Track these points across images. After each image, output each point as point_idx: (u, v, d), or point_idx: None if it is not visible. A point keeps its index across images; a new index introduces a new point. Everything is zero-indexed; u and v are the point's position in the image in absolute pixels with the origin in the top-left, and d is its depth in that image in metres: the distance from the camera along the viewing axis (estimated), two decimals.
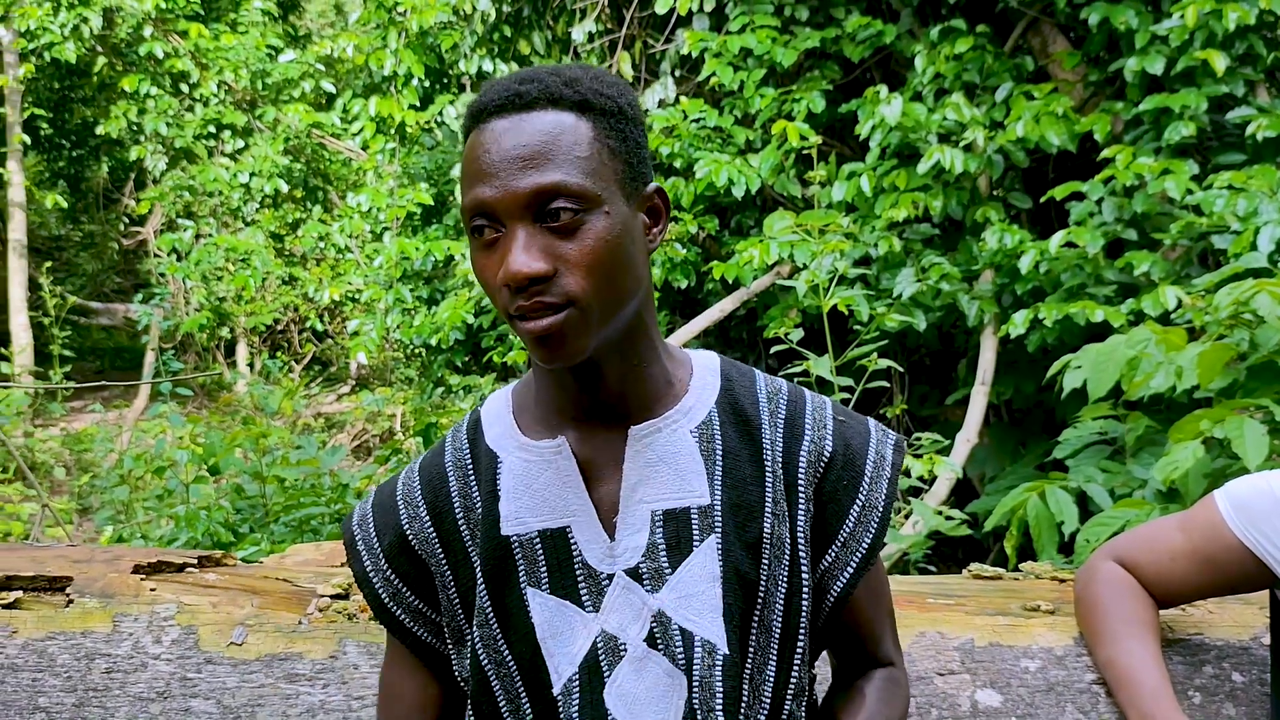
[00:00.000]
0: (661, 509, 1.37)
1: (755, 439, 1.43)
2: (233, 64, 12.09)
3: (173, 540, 4.79)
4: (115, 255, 17.31)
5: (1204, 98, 5.79)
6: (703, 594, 1.35)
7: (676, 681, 1.34)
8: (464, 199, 1.28)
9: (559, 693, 1.34)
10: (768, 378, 1.51)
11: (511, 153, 1.24)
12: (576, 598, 1.36)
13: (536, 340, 1.25)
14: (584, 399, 1.38)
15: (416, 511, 1.43)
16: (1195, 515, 1.89)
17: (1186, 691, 1.93)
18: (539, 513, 1.38)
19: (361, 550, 1.46)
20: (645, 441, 1.39)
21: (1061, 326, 5.47)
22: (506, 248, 1.23)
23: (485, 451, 1.42)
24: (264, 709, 1.75)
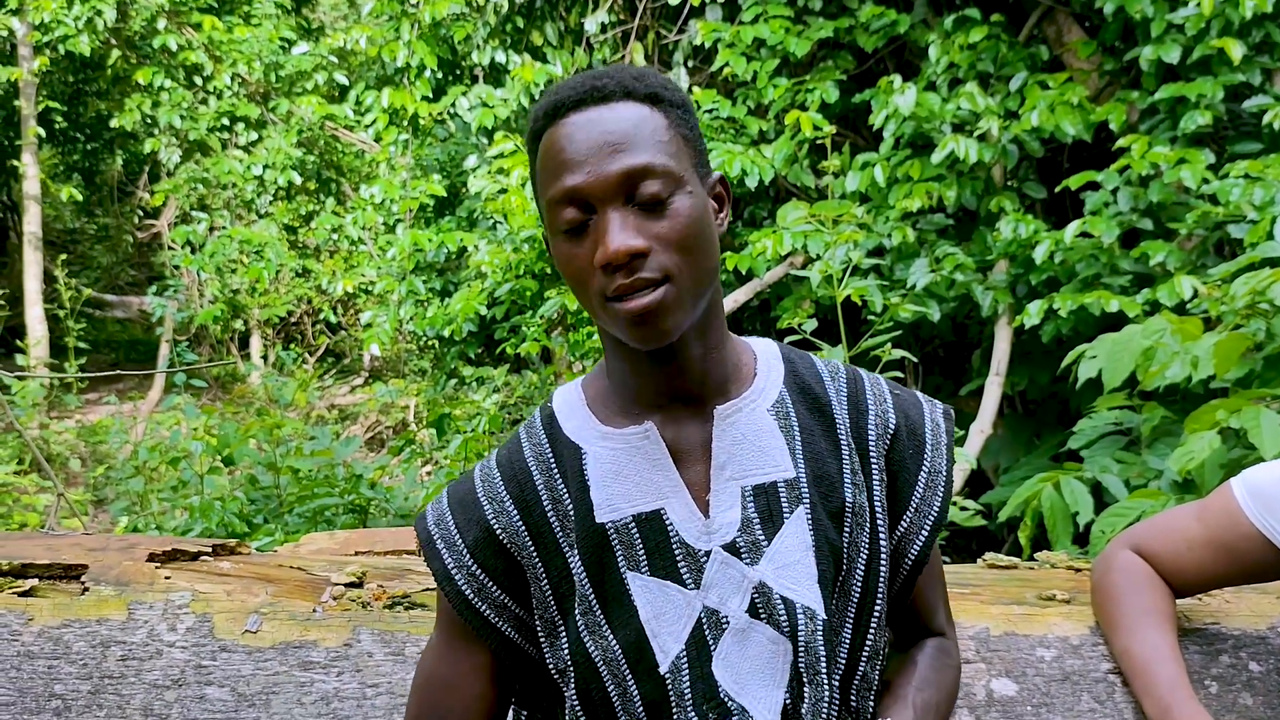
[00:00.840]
0: (751, 485, 1.42)
1: (827, 414, 1.49)
2: (246, 56, 12.11)
3: (187, 531, 4.81)
4: (130, 248, 17.36)
5: (1220, 86, 5.77)
6: (799, 563, 1.40)
7: (781, 648, 1.38)
8: (548, 192, 1.32)
9: (667, 670, 1.37)
10: (821, 359, 1.58)
11: (598, 140, 1.30)
12: (677, 576, 1.39)
13: (635, 320, 1.29)
14: (668, 383, 1.42)
15: (502, 506, 1.44)
16: (1212, 504, 1.88)
17: (1203, 681, 1.92)
18: (631, 498, 1.41)
19: (442, 548, 1.46)
20: (729, 421, 1.43)
21: (1076, 317, 5.45)
22: (600, 231, 1.29)
23: (566, 444, 1.45)
24: (278, 696, 1.75)
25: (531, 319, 7.04)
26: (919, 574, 1.55)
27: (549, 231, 1.35)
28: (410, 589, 1.93)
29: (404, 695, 1.77)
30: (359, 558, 2.10)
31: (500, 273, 7.31)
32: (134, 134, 13.25)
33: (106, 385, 12.80)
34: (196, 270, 11.92)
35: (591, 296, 1.32)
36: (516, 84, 8.87)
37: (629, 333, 1.31)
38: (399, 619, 1.87)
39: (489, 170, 8.07)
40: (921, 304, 6.02)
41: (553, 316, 6.86)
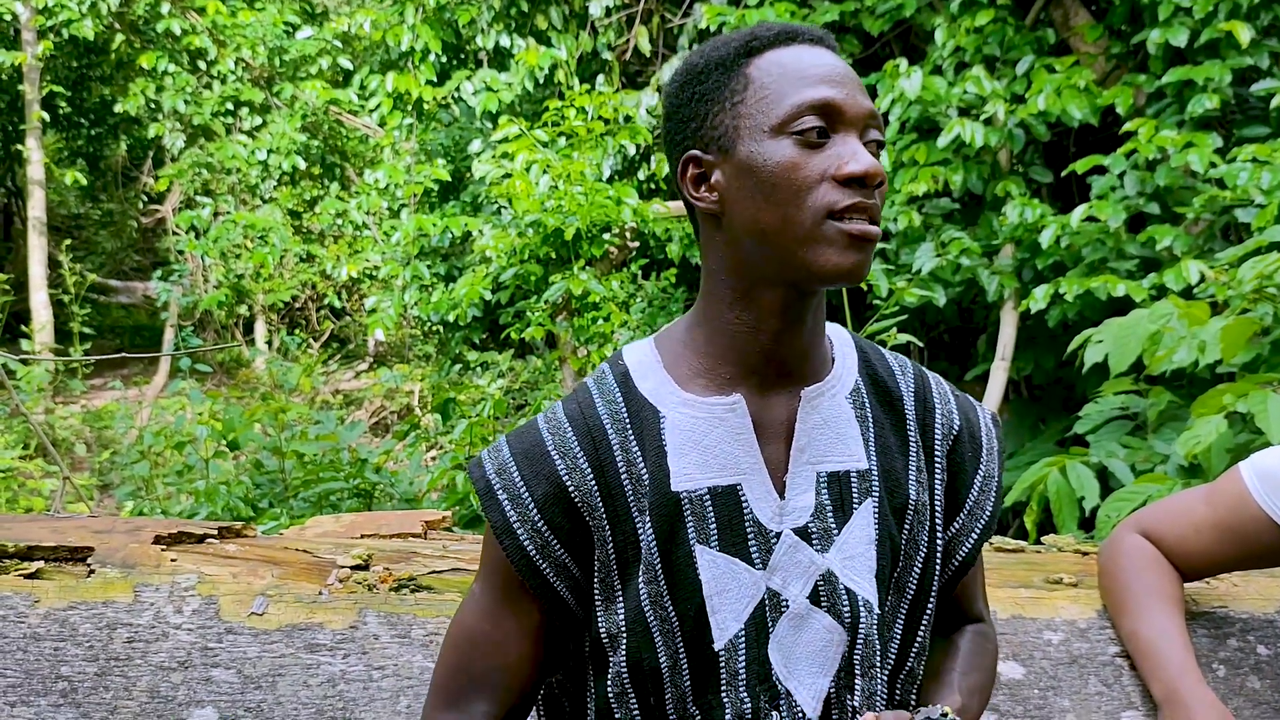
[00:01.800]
0: (826, 471, 1.41)
1: (898, 409, 1.49)
2: (250, 41, 12.08)
3: (193, 515, 4.83)
4: (134, 233, 17.37)
5: (1228, 70, 5.75)
6: (862, 555, 1.40)
7: (836, 637, 1.38)
8: (793, 96, 1.30)
9: (722, 648, 1.36)
10: (889, 352, 1.58)
11: (845, 72, 1.33)
12: (746, 555, 1.37)
13: (855, 240, 1.28)
14: (779, 351, 1.39)
15: (576, 463, 1.39)
16: (1220, 487, 1.88)
17: (1211, 664, 1.92)
18: (709, 470, 1.38)
19: (504, 500, 1.40)
20: (814, 404, 1.41)
21: (1083, 301, 5.45)
22: (850, 151, 1.29)
23: (643, 404, 1.41)
24: (285, 678, 1.75)
25: (536, 304, 7.02)
26: (964, 574, 1.55)
27: (769, 135, 1.31)
28: (416, 571, 1.93)
29: (410, 677, 1.77)
30: (365, 540, 2.10)
31: (505, 257, 7.29)
32: (138, 119, 13.23)
33: (111, 370, 12.82)
34: (201, 255, 11.92)
35: (806, 209, 1.28)
36: (521, 68, 8.87)
37: (839, 257, 1.28)
38: (405, 601, 1.87)
39: (493, 155, 8.06)
40: (927, 288, 6.01)
41: (557, 301, 6.84)
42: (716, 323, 1.40)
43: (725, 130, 1.33)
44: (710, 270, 1.40)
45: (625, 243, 7.44)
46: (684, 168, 1.37)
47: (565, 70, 8.93)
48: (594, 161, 7.60)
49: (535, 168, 7.24)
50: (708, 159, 1.35)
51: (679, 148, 1.39)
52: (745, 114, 1.32)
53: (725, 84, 1.34)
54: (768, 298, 1.35)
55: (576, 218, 6.76)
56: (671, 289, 7.95)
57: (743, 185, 1.32)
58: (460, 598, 1.89)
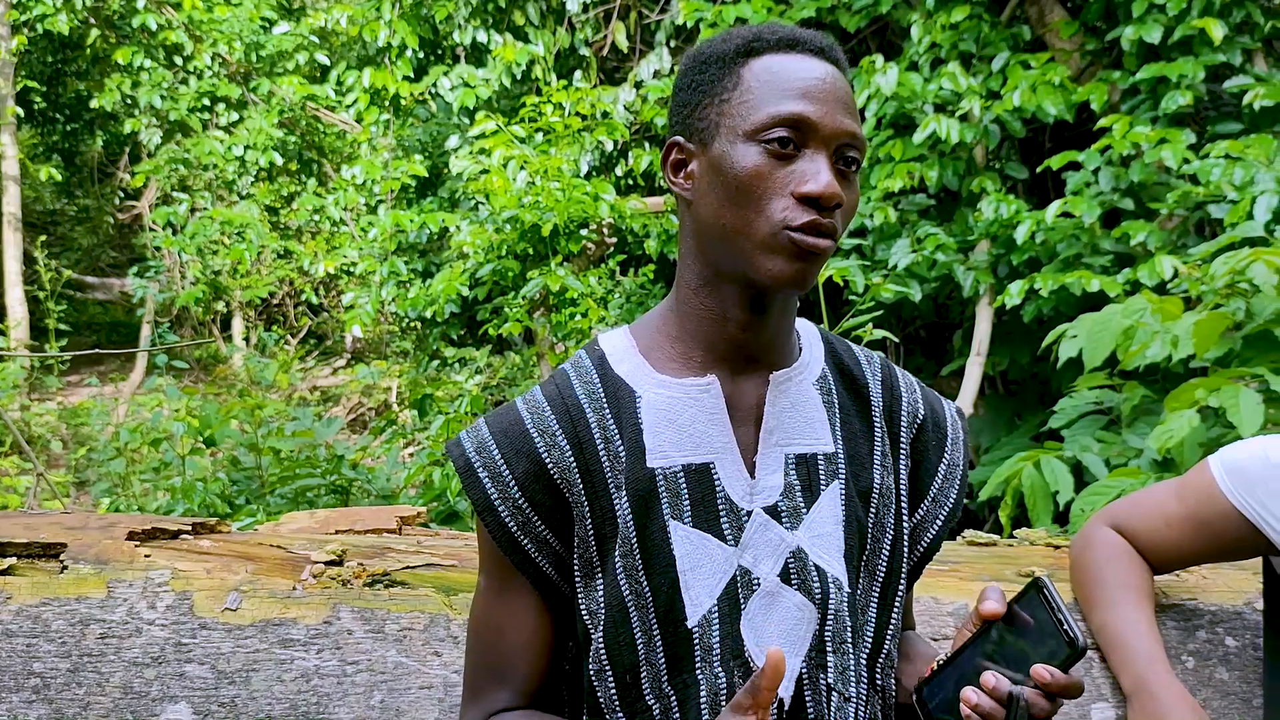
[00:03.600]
0: (794, 453, 1.44)
1: (864, 396, 1.54)
2: (226, 36, 12.03)
3: (169, 511, 4.80)
4: (110, 229, 17.26)
5: (1201, 66, 5.78)
6: (830, 535, 1.43)
7: (807, 615, 1.40)
8: (771, 105, 1.33)
9: (695, 624, 1.38)
10: (856, 345, 1.62)
11: (831, 88, 1.35)
12: (719, 531, 1.40)
13: (801, 254, 1.31)
14: (746, 338, 1.42)
15: (554, 440, 1.42)
16: (1190, 481, 1.89)
17: (1180, 656, 1.93)
18: (683, 447, 1.41)
19: (485, 478, 1.43)
20: (782, 388, 1.45)
21: (1058, 297, 5.47)
22: (815, 168, 1.31)
23: (620, 385, 1.44)
24: (258, 673, 1.75)
25: (514, 300, 7.03)
26: (928, 561, 1.58)
27: (741, 139, 1.34)
28: (390, 567, 1.93)
29: (384, 672, 1.78)
30: (339, 536, 2.10)
31: (482, 253, 7.30)
32: (114, 114, 13.16)
33: (88, 367, 12.76)
34: (177, 251, 11.87)
35: (764, 217, 1.32)
36: (498, 64, 8.86)
37: (785, 266, 1.32)
38: (379, 596, 1.87)
39: (471, 151, 8.06)
40: (903, 284, 6.03)
41: (535, 297, 6.84)
42: (687, 307, 1.44)
43: (708, 124, 1.37)
44: (682, 254, 1.44)
45: (603, 239, 7.45)
46: (668, 151, 1.42)
47: (543, 66, 8.93)
48: (571, 157, 7.61)
49: (512, 164, 7.24)
50: (689, 148, 1.39)
51: (670, 131, 1.43)
52: (728, 113, 1.35)
53: (720, 79, 1.38)
54: (730, 290, 1.39)
55: (554, 214, 6.77)
56: (649, 284, 7.96)
57: (711, 181, 1.36)
58: (435, 593, 1.89)
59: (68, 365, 12.19)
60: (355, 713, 1.74)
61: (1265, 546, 1.81)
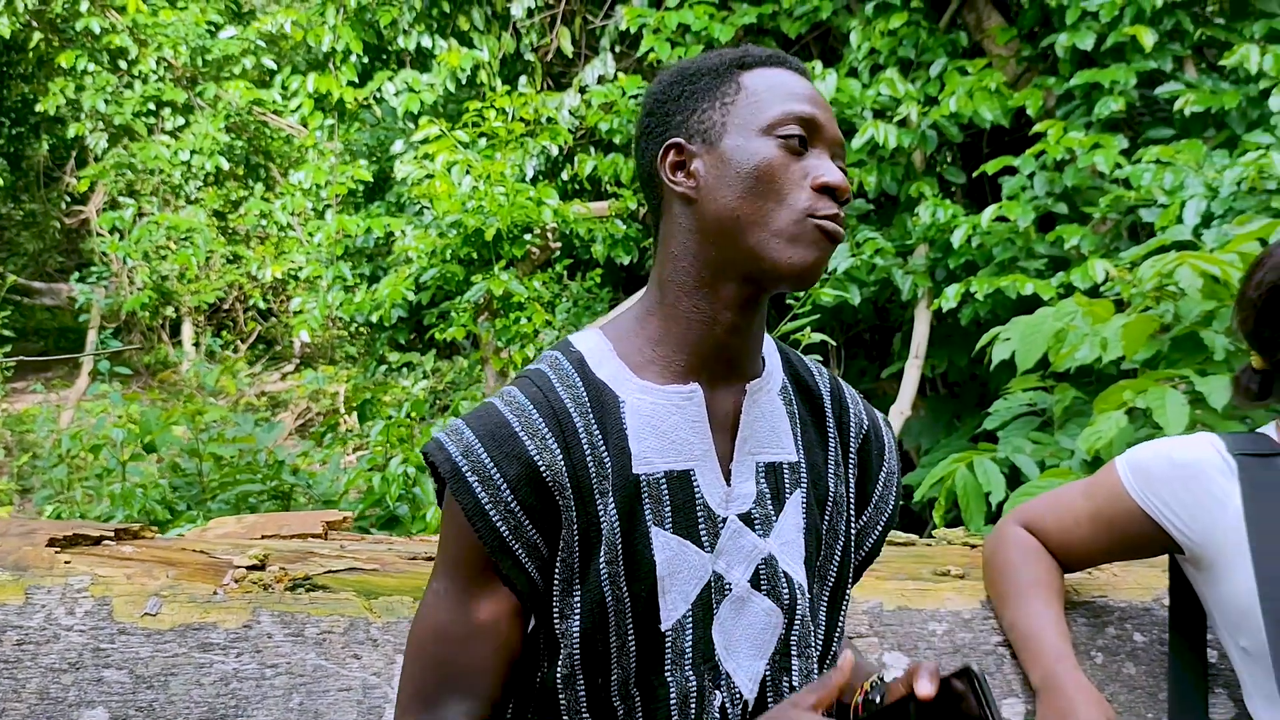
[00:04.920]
0: (764, 461, 1.48)
1: (819, 405, 1.58)
2: (172, 40, 11.92)
3: (109, 518, 4.77)
4: (57, 234, 17.06)
5: (1133, 73, 5.87)
6: (794, 542, 1.47)
7: (774, 620, 1.44)
8: (784, 106, 1.40)
9: (669, 628, 1.39)
10: (804, 355, 1.67)
11: (824, 102, 1.44)
12: (696, 538, 1.41)
13: (827, 238, 1.37)
14: (730, 344, 1.44)
15: (546, 443, 1.39)
16: (1098, 481, 1.93)
17: (1089, 652, 1.97)
18: (665, 454, 1.42)
19: (474, 482, 1.39)
20: (755, 397, 1.48)
21: (993, 300, 5.53)
22: (823, 163, 1.38)
23: (602, 389, 1.44)
24: (177, 678, 1.76)
25: (460, 304, 7.03)
26: (869, 565, 1.65)
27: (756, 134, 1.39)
28: (312, 571, 1.94)
29: (303, 675, 1.79)
30: (264, 541, 2.11)
31: (426, 258, 7.29)
32: (60, 118, 13.03)
33: (34, 374, 12.62)
34: (123, 256, 11.77)
35: (786, 206, 1.36)
36: (443, 69, 8.85)
37: (806, 253, 1.36)
38: (299, 600, 1.88)
39: (415, 156, 8.05)
40: (842, 288, 6.08)
41: (479, 302, 6.85)
42: (672, 310, 1.44)
43: (713, 124, 1.40)
44: (671, 256, 1.44)
45: (547, 243, 7.46)
46: (665, 153, 1.43)
47: (488, 71, 8.92)
48: (515, 162, 7.61)
49: (457, 168, 7.24)
50: (690, 148, 1.41)
51: (659, 137, 1.44)
52: (735, 113, 1.39)
53: (717, 86, 1.42)
54: (726, 290, 1.41)
55: (496, 218, 6.77)
56: (597, 289, 7.98)
57: (722, 174, 1.38)
58: (356, 596, 1.90)
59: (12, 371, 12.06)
60: (274, 715, 1.75)
61: (1170, 545, 1.85)
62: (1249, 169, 4.80)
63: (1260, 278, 1.85)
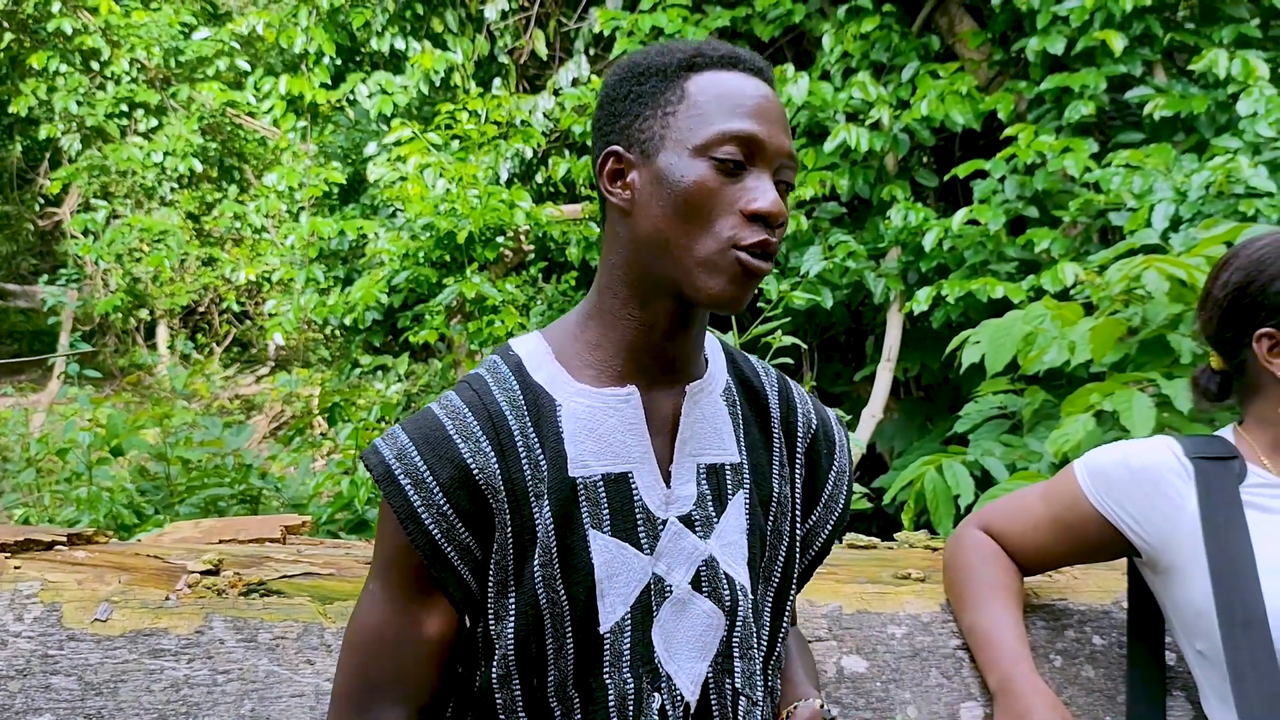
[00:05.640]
0: (705, 463, 1.47)
1: (763, 407, 1.57)
2: (145, 41, 11.87)
3: (75, 523, 4.74)
4: (31, 236, 16.97)
5: (1103, 77, 5.90)
6: (736, 543, 1.47)
7: (716, 621, 1.44)
8: (719, 124, 1.35)
9: (608, 631, 1.39)
10: (752, 356, 1.65)
11: (774, 110, 1.38)
12: (635, 540, 1.41)
13: (746, 275, 1.34)
14: (668, 350, 1.44)
15: (479, 446, 1.39)
16: (1056, 485, 1.94)
17: (1048, 655, 1.97)
18: (603, 457, 1.41)
19: (407, 485, 1.39)
20: (695, 399, 1.47)
21: (964, 303, 5.55)
22: (758, 186, 1.34)
23: (539, 393, 1.43)
24: (126, 684, 1.74)
25: (433, 307, 7.01)
26: (819, 564, 1.65)
27: (689, 153, 1.35)
28: (267, 576, 1.93)
29: (255, 681, 1.77)
30: (220, 546, 2.10)
31: (398, 260, 7.27)
32: (34, 119, 12.96)
33: (7, 377, 12.55)
34: (95, 259, 11.71)
35: (711, 234, 1.34)
36: (416, 71, 8.83)
37: (726, 286, 1.34)
38: (253, 606, 1.87)
39: (388, 158, 8.03)
40: (814, 291, 6.09)
41: (451, 305, 6.83)
42: (610, 317, 1.44)
43: (651, 136, 1.37)
44: (610, 264, 1.43)
45: (520, 246, 7.46)
46: (604, 161, 1.41)
47: (462, 74, 8.91)
48: (488, 165, 7.60)
49: (430, 171, 7.23)
50: (628, 158, 1.39)
51: (604, 139, 1.43)
52: (674, 125, 1.36)
53: (662, 92, 1.38)
54: (659, 302, 1.40)
55: (469, 221, 6.76)
56: (571, 291, 7.97)
57: (655, 193, 1.36)
58: (310, 601, 1.89)
59: None
60: None
61: (1128, 548, 1.86)
62: (1217, 173, 4.82)
63: (1226, 278, 1.85)
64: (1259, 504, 1.76)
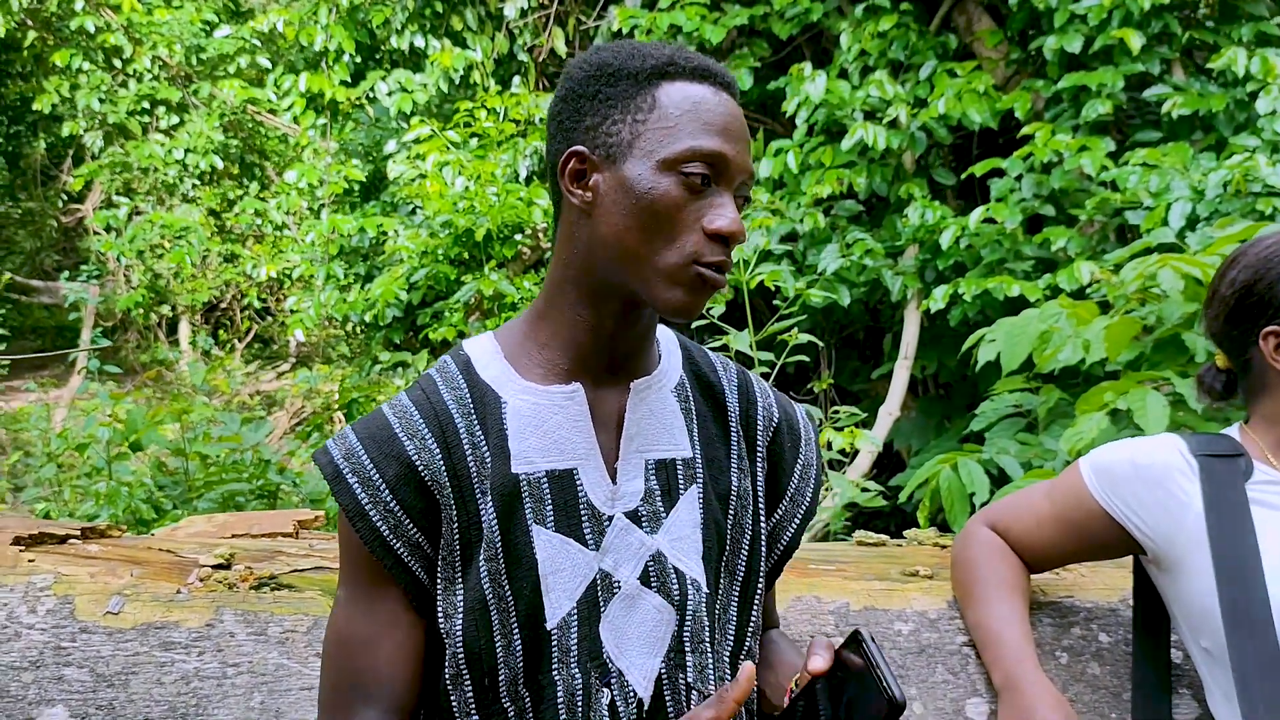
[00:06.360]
0: (654, 459, 1.48)
1: (720, 402, 1.57)
2: (167, 39, 11.94)
3: (94, 517, 4.77)
4: (54, 233, 17.07)
5: (1121, 76, 5.88)
6: (688, 538, 1.47)
7: (666, 616, 1.43)
8: (690, 140, 1.35)
9: (554, 626, 1.40)
10: (712, 352, 1.66)
11: (738, 129, 1.39)
12: (580, 536, 1.42)
13: (700, 287, 1.36)
14: (613, 348, 1.45)
15: (424, 444, 1.42)
16: (1061, 482, 1.94)
17: (1054, 652, 1.98)
18: (547, 454, 1.43)
19: (354, 482, 1.42)
20: (641, 395, 1.48)
21: (981, 301, 5.54)
22: (721, 203, 1.36)
23: (486, 391, 1.45)
24: (138, 676, 1.77)
25: (452, 304, 7.03)
26: (788, 559, 1.64)
27: (657, 166, 1.35)
28: (278, 570, 1.95)
29: (265, 674, 1.79)
30: (232, 540, 2.12)
31: (417, 258, 7.30)
32: (58, 116, 13.04)
33: (30, 372, 12.63)
34: (117, 255, 11.78)
35: (674, 248, 1.35)
36: (436, 68, 8.85)
37: (685, 298, 1.36)
38: (263, 599, 1.88)
39: (407, 155, 8.06)
40: (831, 289, 6.09)
41: (469, 302, 6.85)
42: (558, 315, 1.45)
43: (619, 141, 1.37)
44: (563, 262, 1.44)
45: (538, 243, 7.47)
46: (566, 160, 1.40)
47: (481, 72, 8.93)
48: (506, 163, 7.62)
49: (449, 169, 7.25)
50: (593, 159, 1.38)
51: (566, 138, 1.42)
52: (643, 134, 1.36)
53: (632, 97, 1.38)
54: (610, 304, 1.41)
55: (487, 219, 6.77)
56: None
57: (618, 200, 1.36)
58: (321, 595, 1.91)
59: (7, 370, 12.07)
60: (235, 714, 1.76)
61: (1134, 546, 1.86)
62: (1235, 171, 4.81)
63: (1233, 276, 1.85)
64: (1265, 501, 1.76)
